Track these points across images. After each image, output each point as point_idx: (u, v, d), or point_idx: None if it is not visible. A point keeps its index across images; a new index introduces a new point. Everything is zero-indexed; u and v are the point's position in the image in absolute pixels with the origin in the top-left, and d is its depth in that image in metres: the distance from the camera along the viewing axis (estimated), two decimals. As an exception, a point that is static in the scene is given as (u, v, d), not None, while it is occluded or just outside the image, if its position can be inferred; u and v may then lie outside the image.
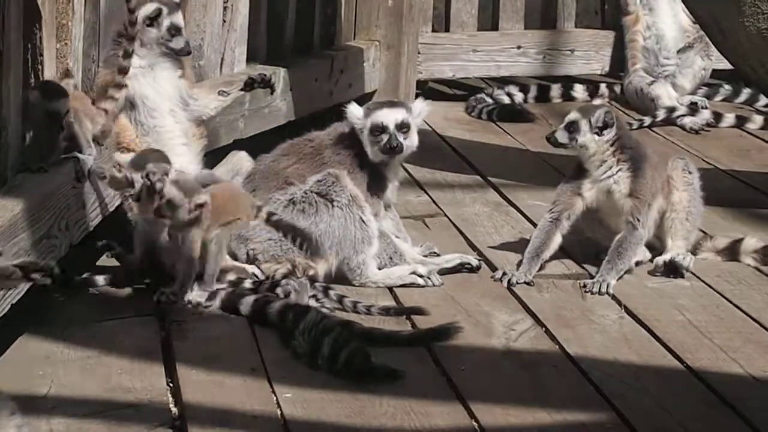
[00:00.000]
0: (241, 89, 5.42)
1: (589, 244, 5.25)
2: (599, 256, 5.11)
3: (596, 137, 5.03)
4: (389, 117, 4.95)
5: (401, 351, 4.25)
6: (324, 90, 7.02)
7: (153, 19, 5.04)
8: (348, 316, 4.54)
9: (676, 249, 5.13)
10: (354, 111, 5.02)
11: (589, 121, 5.02)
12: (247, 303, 4.56)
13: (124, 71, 4.90)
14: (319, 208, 4.88)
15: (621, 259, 4.98)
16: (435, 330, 4.40)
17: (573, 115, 5.08)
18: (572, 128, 5.04)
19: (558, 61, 8.36)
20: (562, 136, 5.05)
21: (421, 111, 5.06)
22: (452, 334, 4.36)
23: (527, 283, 4.94)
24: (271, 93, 5.62)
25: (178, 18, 5.09)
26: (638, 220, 5.02)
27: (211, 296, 4.64)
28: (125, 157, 4.82)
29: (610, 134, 5.04)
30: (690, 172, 5.19)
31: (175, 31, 5.08)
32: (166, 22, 5.06)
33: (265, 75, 5.46)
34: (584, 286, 4.91)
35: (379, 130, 4.94)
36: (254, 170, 5.13)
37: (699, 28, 7.08)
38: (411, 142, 5.00)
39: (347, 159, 5.00)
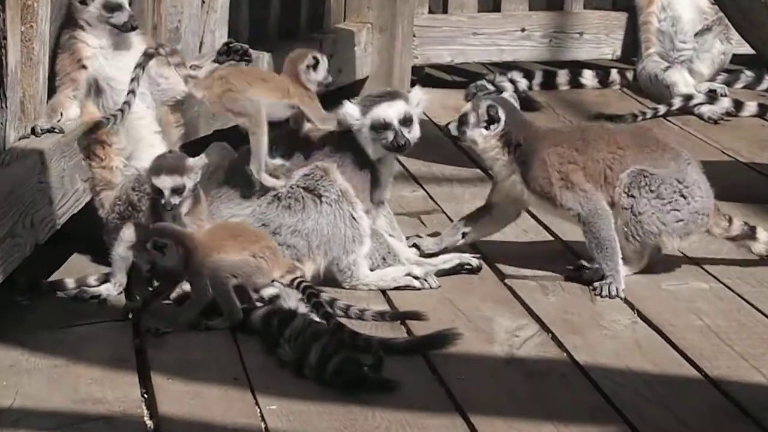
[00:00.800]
0: (214, 60, 5.41)
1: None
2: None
3: (483, 131, 5.04)
4: (391, 111, 4.95)
5: (396, 359, 4.25)
6: (311, 76, 7.03)
7: None
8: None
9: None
10: (351, 111, 4.97)
11: (477, 115, 5.04)
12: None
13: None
14: (306, 204, 4.89)
15: (602, 251, 4.97)
16: (432, 337, 4.41)
17: (466, 107, 5.11)
18: (463, 121, 5.07)
19: (565, 44, 8.39)
20: (454, 128, 5.09)
21: (420, 101, 5.06)
22: (451, 341, 4.38)
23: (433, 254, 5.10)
24: (247, 64, 5.60)
25: None
26: (572, 208, 5.01)
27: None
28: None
29: (497, 129, 5.04)
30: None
31: (112, 6, 5.08)
32: None
33: (240, 45, 5.42)
34: (594, 289, 4.93)
35: (382, 126, 4.93)
36: (236, 164, 5.13)
37: (718, 10, 7.11)
38: (414, 135, 5.00)
39: (337, 151, 5.00)
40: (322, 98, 5.08)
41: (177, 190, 4.69)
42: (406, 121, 4.95)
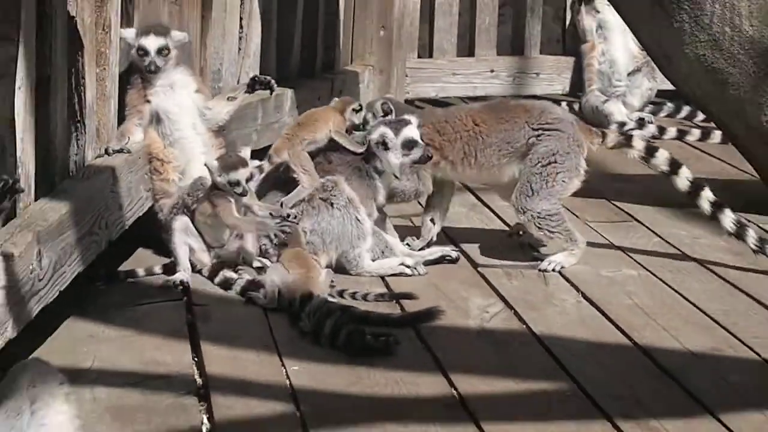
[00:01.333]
0: (246, 91, 5.42)
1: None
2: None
3: None
4: (416, 133, 4.95)
5: (392, 330, 4.26)
6: (325, 108, 7.04)
7: (124, 40, 5.07)
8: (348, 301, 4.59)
9: None
10: (388, 133, 4.92)
11: (373, 112, 5.15)
12: (262, 290, 4.59)
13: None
14: (321, 209, 4.92)
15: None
16: (421, 313, 4.43)
17: (363, 113, 5.18)
18: (366, 120, 5.15)
19: (525, 82, 8.37)
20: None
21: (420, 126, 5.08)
22: (435, 316, 4.39)
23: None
24: (270, 93, 5.61)
25: (146, 41, 5.05)
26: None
27: (230, 284, 4.69)
28: None
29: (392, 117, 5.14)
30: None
31: (142, 52, 5.07)
32: (135, 44, 5.07)
33: (265, 77, 5.47)
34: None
35: (411, 144, 4.91)
36: (267, 175, 5.16)
37: (646, 55, 7.12)
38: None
39: (345, 168, 5.02)
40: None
41: (249, 179, 4.83)
42: (410, 143, 4.95)
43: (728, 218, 5.03)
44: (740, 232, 5.01)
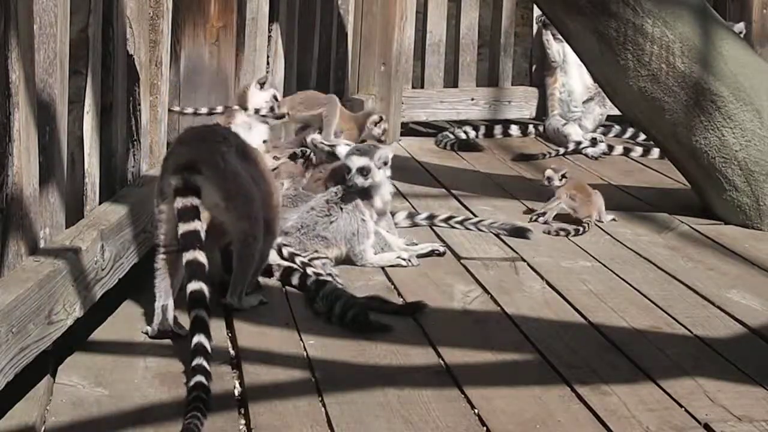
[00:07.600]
0: (288, 157, 5.35)
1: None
2: None
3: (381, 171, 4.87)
4: (355, 163, 4.84)
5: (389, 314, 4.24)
6: (337, 129, 7.03)
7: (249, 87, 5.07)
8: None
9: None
10: (342, 151, 5.07)
11: (374, 160, 4.82)
12: (295, 277, 4.53)
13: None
14: (333, 211, 4.89)
15: None
16: (412, 304, 4.31)
17: (362, 161, 4.79)
18: (365, 171, 4.80)
19: (500, 108, 8.37)
20: (361, 181, 4.78)
21: (381, 156, 4.87)
22: (423, 309, 4.25)
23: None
24: (307, 163, 5.50)
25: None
26: None
27: (271, 272, 4.62)
28: None
29: (388, 165, 4.91)
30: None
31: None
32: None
33: (304, 151, 5.34)
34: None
35: (347, 170, 4.85)
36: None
37: (598, 86, 7.13)
38: (372, 179, 4.82)
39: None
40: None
41: None
42: (363, 170, 4.80)
43: None
44: None
